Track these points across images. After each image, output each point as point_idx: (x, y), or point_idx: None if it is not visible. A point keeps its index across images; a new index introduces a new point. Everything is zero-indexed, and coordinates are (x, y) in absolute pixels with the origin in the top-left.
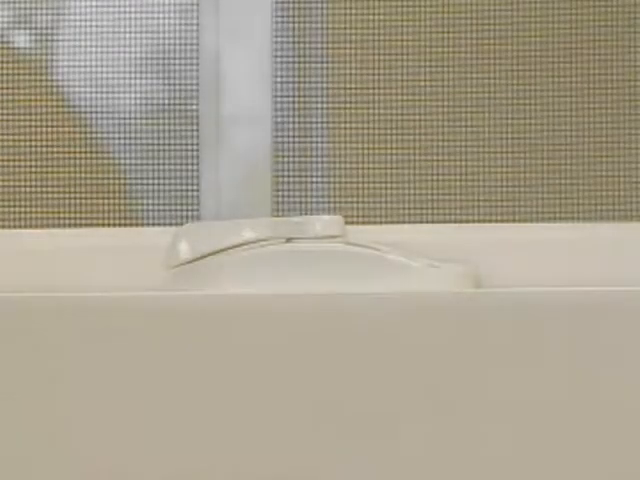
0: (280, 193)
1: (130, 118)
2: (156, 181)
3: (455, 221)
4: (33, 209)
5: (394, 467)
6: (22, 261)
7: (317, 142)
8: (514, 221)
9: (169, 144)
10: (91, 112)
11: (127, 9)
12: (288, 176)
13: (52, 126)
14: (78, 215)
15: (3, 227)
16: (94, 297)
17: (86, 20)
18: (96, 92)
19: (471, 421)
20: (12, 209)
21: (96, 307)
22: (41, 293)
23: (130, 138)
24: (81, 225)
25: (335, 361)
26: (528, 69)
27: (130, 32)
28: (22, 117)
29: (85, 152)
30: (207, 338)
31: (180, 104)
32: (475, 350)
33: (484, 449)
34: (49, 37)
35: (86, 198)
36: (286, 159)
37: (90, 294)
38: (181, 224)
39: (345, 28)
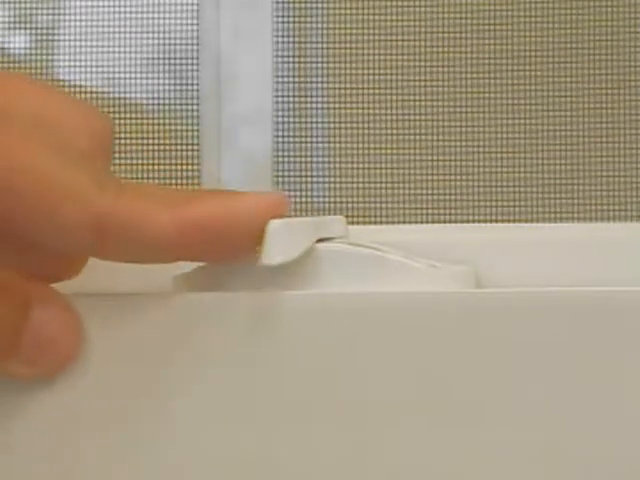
0: None
1: (130, 118)
2: (157, 181)
3: (455, 221)
4: None
5: (393, 466)
6: None
7: (317, 142)
8: (514, 221)
9: (170, 144)
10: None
11: (127, 9)
12: (288, 176)
13: None
14: None
15: None
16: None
17: (86, 20)
18: (96, 92)
19: (470, 421)
20: None
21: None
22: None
23: (130, 138)
24: None
25: (334, 360)
26: (528, 69)
27: (130, 32)
28: None
29: None
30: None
31: (181, 104)
32: (475, 350)
33: (482, 449)
34: (49, 37)
35: None
36: (286, 159)
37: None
38: None
39: (345, 28)
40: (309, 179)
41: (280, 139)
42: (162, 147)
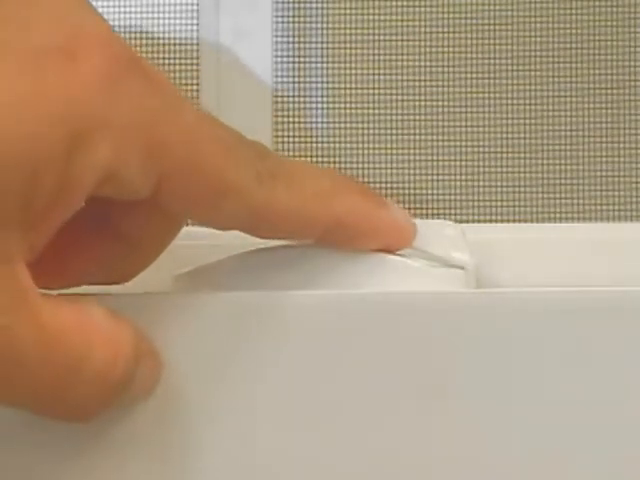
0: None
1: None
2: None
3: (455, 221)
4: None
5: (393, 465)
6: None
7: (317, 142)
8: (514, 221)
9: None
10: None
11: (127, 9)
12: None
13: None
14: None
15: None
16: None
17: None
18: None
19: (470, 422)
20: None
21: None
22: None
23: None
24: None
25: (333, 360)
26: (528, 69)
27: (130, 32)
28: None
29: None
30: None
31: None
32: (475, 350)
33: (482, 449)
34: None
35: None
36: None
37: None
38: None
39: (345, 28)
40: None
41: (280, 139)
42: None
